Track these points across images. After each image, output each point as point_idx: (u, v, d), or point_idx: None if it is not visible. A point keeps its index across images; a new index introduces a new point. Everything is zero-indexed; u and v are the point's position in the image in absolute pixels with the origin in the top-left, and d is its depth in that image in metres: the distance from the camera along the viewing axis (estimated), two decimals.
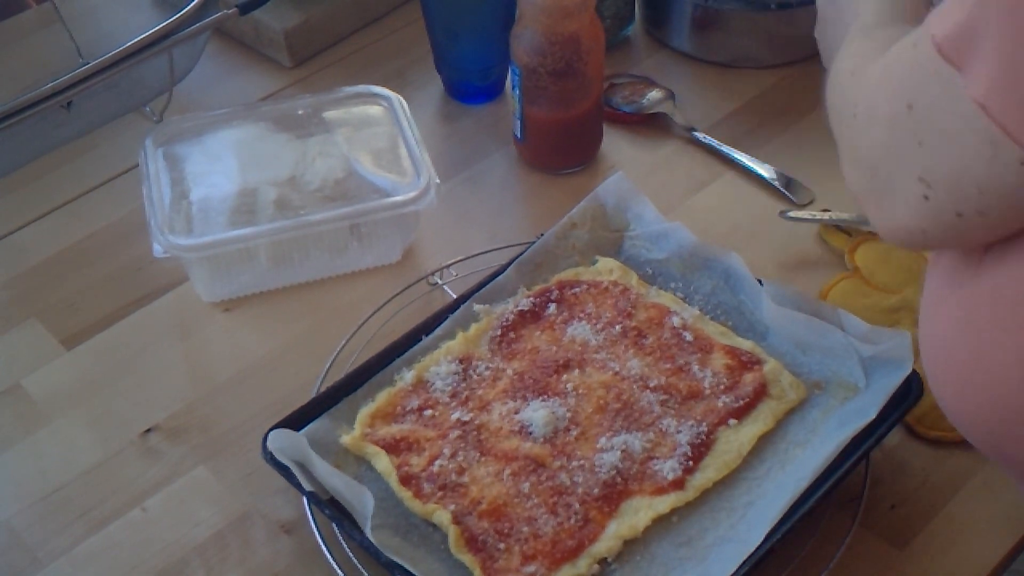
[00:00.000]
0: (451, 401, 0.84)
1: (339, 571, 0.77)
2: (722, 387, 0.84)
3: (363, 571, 0.77)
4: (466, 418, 0.83)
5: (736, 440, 0.81)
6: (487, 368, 0.86)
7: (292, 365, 0.93)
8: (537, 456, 0.79)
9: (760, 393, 0.83)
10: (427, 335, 0.89)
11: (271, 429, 0.80)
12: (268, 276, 0.98)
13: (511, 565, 0.74)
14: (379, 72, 1.21)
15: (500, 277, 0.92)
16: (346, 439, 0.82)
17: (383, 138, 1.01)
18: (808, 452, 0.79)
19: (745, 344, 0.87)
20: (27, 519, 0.84)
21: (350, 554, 0.78)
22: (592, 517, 0.76)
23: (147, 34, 1.01)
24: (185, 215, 0.94)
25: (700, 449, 0.80)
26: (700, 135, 1.12)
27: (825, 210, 1.02)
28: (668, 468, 0.78)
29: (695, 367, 0.85)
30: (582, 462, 0.79)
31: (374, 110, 1.04)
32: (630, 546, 0.76)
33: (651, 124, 1.14)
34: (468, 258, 0.99)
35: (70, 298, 1.00)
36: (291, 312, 0.98)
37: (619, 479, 0.78)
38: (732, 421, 0.81)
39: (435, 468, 0.79)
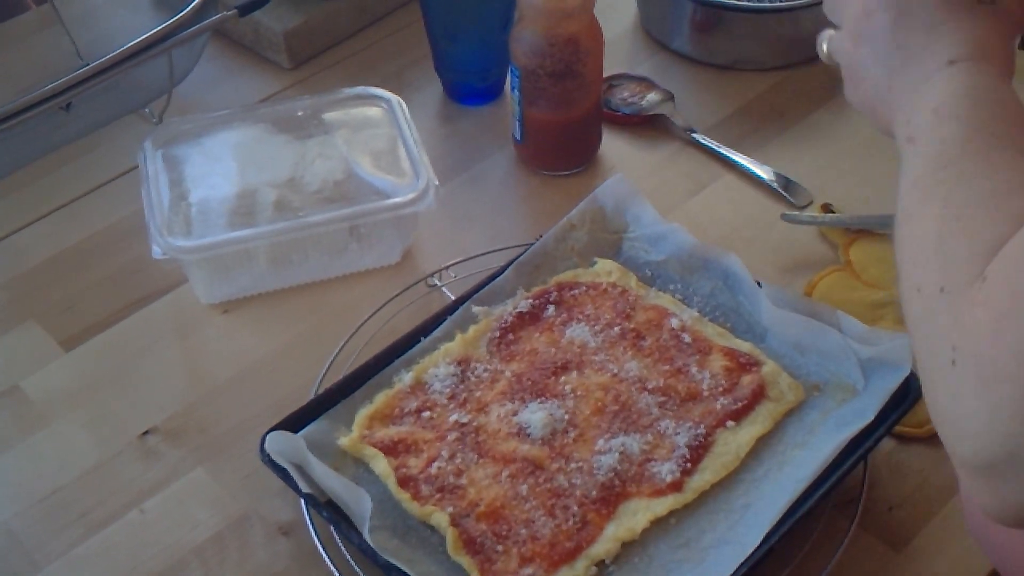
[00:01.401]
0: (449, 403, 0.84)
1: (337, 573, 0.77)
2: (720, 389, 0.83)
3: (361, 573, 0.77)
4: (464, 420, 0.82)
5: (734, 442, 0.80)
6: (485, 370, 0.86)
7: (291, 367, 0.93)
8: (535, 458, 0.79)
9: (758, 395, 0.83)
10: (426, 337, 0.89)
11: (269, 431, 0.80)
12: (267, 277, 0.98)
13: (509, 567, 0.74)
14: (378, 73, 1.21)
15: (499, 279, 0.92)
16: (344, 441, 0.82)
17: (382, 139, 1.01)
18: (806, 454, 0.79)
19: (744, 346, 0.87)
20: (25, 521, 0.84)
21: (348, 556, 0.78)
22: (590, 519, 0.76)
23: (146, 36, 1.01)
24: (184, 217, 0.94)
25: (698, 451, 0.80)
26: (699, 137, 1.12)
27: (826, 209, 1.02)
28: (666, 470, 0.78)
29: (693, 369, 0.85)
30: (580, 464, 0.79)
31: (373, 112, 1.04)
32: (628, 548, 0.76)
33: (650, 126, 1.14)
34: (467, 260, 0.99)
35: (69, 300, 1.00)
36: (290, 314, 0.98)
37: (617, 481, 0.78)
38: (730, 423, 0.81)
39: (433, 470, 0.79)
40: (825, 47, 0.75)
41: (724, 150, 1.10)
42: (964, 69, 0.65)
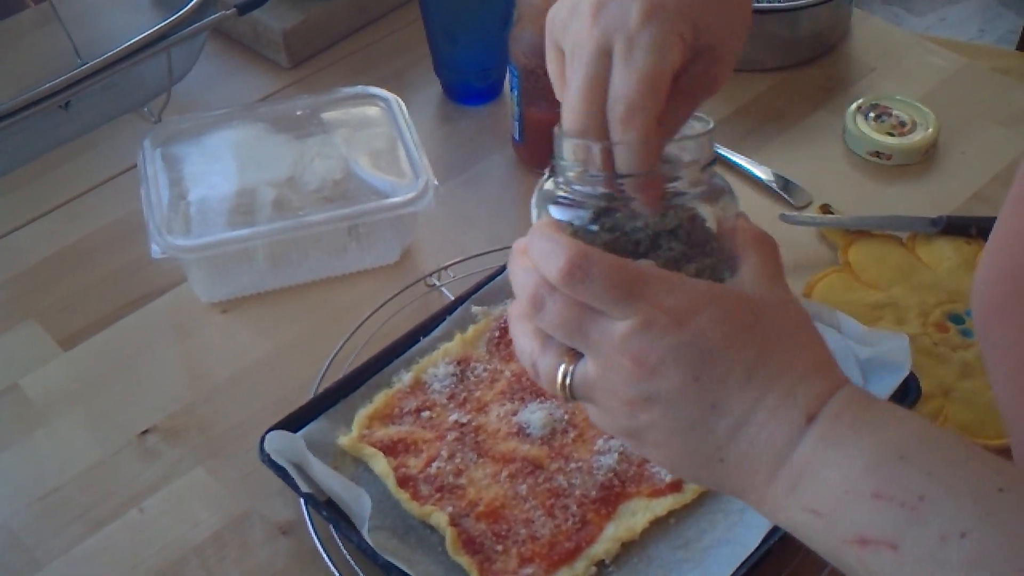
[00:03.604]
0: (449, 403, 0.84)
1: (336, 572, 0.77)
2: None
3: (360, 573, 0.77)
4: (464, 420, 0.83)
5: None
6: (485, 370, 0.86)
7: (290, 366, 0.93)
8: (535, 458, 0.79)
9: None
10: (425, 336, 0.89)
11: (269, 430, 0.80)
12: (266, 277, 0.98)
13: (508, 567, 0.74)
14: (377, 73, 1.21)
15: (498, 278, 0.92)
16: (344, 440, 0.82)
17: (381, 139, 1.01)
18: None
19: None
20: (25, 520, 0.84)
21: (347, 556, 0.78)
22: (589, 519, 0.76)
23: (145, 34, 1.01)
24: (183, 216, 0.94)
25: None
26: None
27: (825, 209, 1.03)
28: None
29: None
30: (580, 464, 0.79)
31: (372, 111, 1.04)
32: (627, 548, 0.76)
33: None
34: (466, 259, 0.99)
35: (68, 299, 1.00)
36: (289, 313, 0.98)
37: (616, 481, 0.78)
38: None
39: (433, 470, 0.79)
40: (562, 378, 0.55)
41: (723, 151, 1.10)
42: (832, 419, 0.51)
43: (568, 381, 0.55)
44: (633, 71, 0.55)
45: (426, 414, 0.83)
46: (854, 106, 1.11)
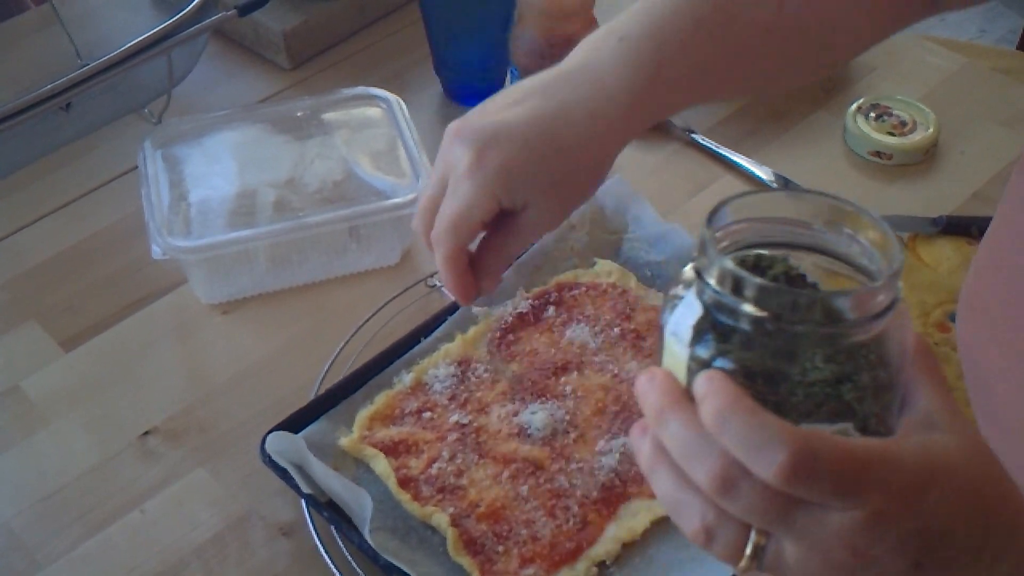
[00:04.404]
0: (450, 403, 0.84)
1: (337, 573, 0.77)
2: None
3: (361, 574, 0.77)
4: (465, 420, 0.83)
5: None
6: (485, 370, 0.86)
7: (291, 367, 0.93)
8: (536, 458, 0.79)
9: None
10: (426, 337, 0.89)
11: (270, 431, 0.80)
12: (267, 278, 0.98)
13: (509, 568, 0.74)
14: (378, 74, 1.21)
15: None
16: (344, 441, 0.82)
17: (382, 140, 1.01)
18: None
19: None
20: (26, 521, 0.84)
21: (348, 556, 0.78)
22: (591, 520, 0.76)
23: (146, 36, 1.01)
24: (184, 217, 0.94)
25: None
26: (699, 137, 1.12)
27: None
28: None
29: None
30: (581, 464, 0.79)
31: (373, 112, 1.04)
32: (629, 549, 0.76)
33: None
34: None
35: (69, 300, 1.00)
36: (290, 314, 0.98)
37: (618, 481, 0.78)
38: None
39: (434, 470, 0.79)
40: (752, 554, 0.48)
41: (724, 151, 1.10)
42: None
43: (758, 555, 0.48)
44: (445, 209, 0.68)
45: (427, 415, 0.83)
46: (854, 106, 1.11)
